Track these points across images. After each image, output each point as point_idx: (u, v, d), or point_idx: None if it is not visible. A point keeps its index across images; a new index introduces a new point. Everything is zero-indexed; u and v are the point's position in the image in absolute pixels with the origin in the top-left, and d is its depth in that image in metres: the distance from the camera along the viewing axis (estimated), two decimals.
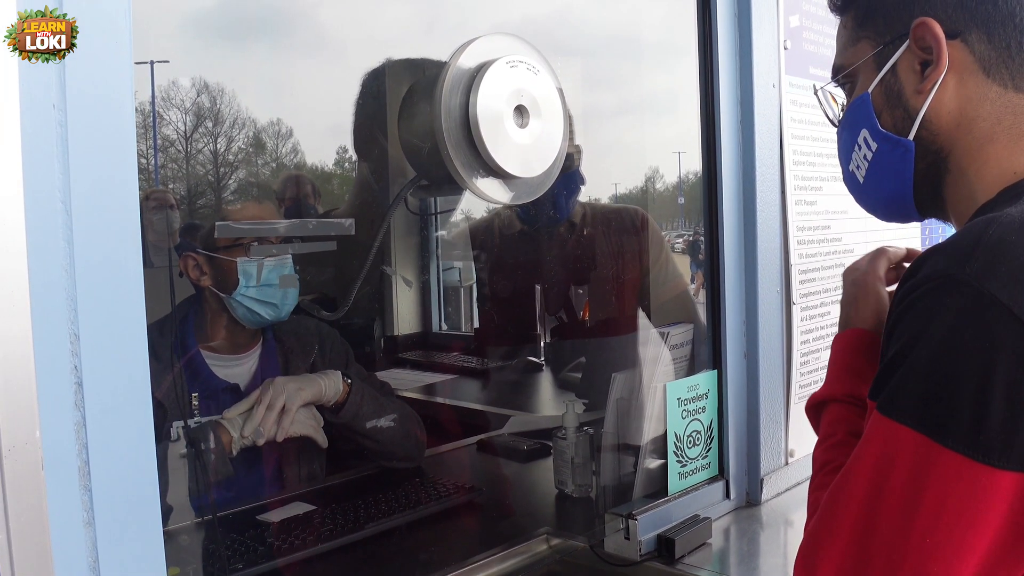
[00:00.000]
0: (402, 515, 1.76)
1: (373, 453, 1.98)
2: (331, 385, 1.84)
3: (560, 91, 1.53)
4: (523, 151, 1.46)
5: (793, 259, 1.86)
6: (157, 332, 1.68)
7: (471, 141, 1.42)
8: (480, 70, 1.42)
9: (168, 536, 1.41)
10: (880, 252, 1.39)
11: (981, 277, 0.82)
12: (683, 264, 2.35)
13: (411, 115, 1.52)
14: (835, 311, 1.99)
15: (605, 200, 2.50)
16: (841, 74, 1.16)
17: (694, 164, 1.87)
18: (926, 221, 1.20)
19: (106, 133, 0.90)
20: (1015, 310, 0.80)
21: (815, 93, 1.26)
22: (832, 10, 1.18)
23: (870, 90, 1.10)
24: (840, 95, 1.22)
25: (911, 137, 1.07)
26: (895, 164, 1.09)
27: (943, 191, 1.08)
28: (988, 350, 0.80)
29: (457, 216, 2.69)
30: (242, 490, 1.79)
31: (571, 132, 1.73)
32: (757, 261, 1.79)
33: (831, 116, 1.24)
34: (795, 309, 1.87)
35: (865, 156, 1.13)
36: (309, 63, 2.26)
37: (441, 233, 2.84)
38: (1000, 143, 1.02)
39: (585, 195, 2.35)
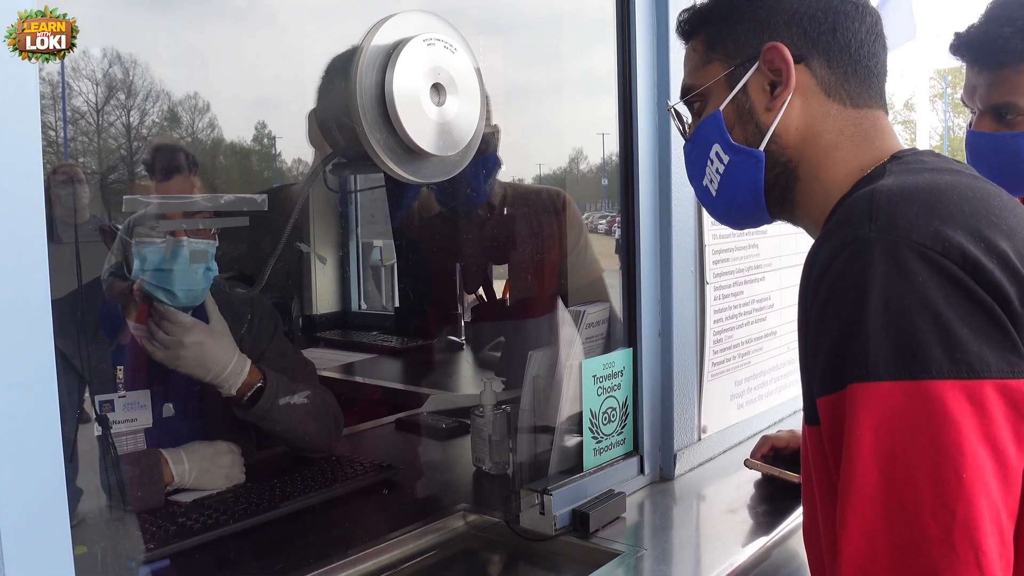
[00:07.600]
0: (318, 494, 1.75)
1: (283, 440, 1.95)
2: (239, 362, 1.78)
3: (478, 70, 1.53)
4: (440, 129, 1.46)
5: (707, 239, 1.90)
6: (76, 305, 1.64)
7: (387, 119, 1.41)
8: (397, 47, 1.42)
9: (78, 518, 1.39)
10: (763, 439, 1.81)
11: (888, 229, 0.90)
12: (608, 245, 2.36)
13: (327, 92, 1.51)
14: (748, 291, 2.04)
15: (529, 181, 2.50)
16: (692, 93, 1.22)
17: (617, 146, 1.88)
18: None
19: (5, 97, 0.87)
20: (928, 244, 0.88)
21: (669, 111, 1.32)
22: (680, 36, 1.25)
23: (722, 108, 1.17)
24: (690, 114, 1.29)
25: (762, 148, 1.14)
26: (747, 174, 1.16)
27: (794, 196, 1.16)
28: (923, 285, 0.87)
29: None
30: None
31: (488, 112, 1.72)
32: (672, 241, 1.82)
33: (684, 133, 1.30)
34: (709, 288, 1.91)
35: (718, 169, 1.19)
36: (228, 34, 2.21)
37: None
38: (845, 148, 1.12)
39: (508, 176, 2.35)
